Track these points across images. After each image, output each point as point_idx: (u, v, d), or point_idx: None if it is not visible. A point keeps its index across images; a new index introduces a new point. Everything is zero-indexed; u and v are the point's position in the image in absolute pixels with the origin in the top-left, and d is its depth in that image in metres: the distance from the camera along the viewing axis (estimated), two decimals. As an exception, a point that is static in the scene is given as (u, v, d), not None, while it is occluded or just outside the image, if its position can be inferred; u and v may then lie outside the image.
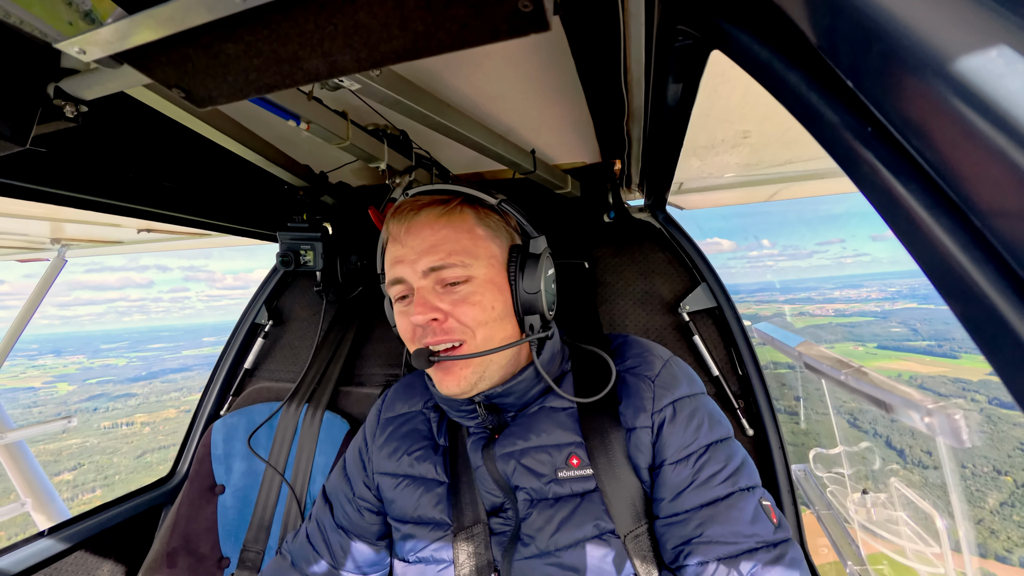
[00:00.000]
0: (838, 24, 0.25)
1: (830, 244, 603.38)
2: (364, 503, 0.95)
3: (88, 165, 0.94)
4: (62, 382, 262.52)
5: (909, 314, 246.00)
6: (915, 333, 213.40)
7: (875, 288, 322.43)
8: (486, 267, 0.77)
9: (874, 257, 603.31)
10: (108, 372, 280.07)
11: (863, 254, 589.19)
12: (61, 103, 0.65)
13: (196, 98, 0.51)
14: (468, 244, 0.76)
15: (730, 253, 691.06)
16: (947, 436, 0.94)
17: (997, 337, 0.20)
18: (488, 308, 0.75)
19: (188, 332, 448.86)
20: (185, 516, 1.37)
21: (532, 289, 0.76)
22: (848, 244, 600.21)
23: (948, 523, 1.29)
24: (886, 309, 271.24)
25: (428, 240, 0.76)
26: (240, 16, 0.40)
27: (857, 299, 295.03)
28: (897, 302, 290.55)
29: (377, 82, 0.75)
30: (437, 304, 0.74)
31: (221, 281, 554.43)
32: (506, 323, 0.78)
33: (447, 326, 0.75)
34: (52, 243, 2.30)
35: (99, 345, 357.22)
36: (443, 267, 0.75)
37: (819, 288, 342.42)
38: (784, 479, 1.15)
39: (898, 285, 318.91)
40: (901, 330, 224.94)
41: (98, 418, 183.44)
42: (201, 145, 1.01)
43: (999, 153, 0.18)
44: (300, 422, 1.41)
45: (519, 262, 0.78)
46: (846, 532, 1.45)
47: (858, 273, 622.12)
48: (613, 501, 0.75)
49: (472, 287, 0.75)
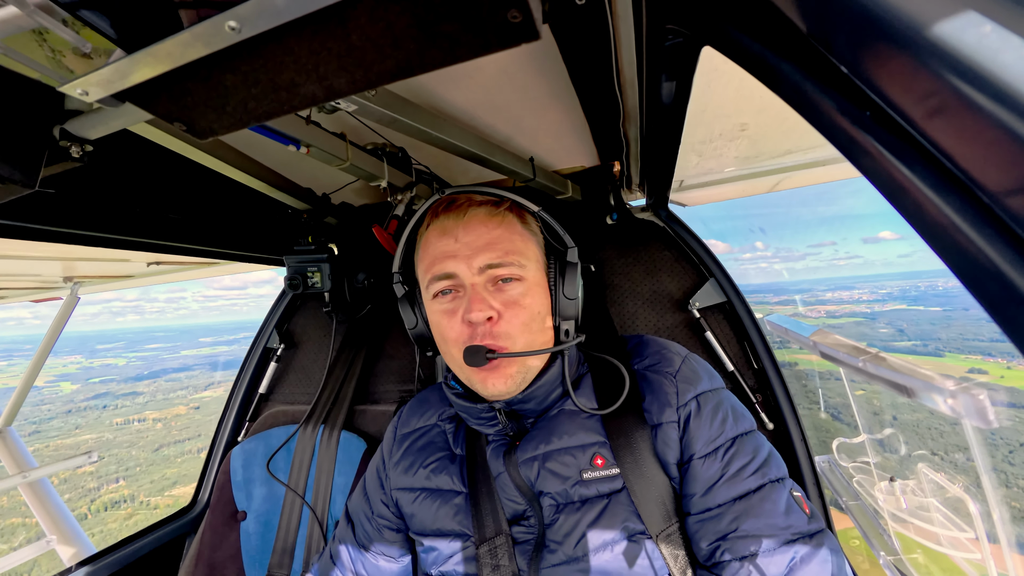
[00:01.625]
0: (828, 10, 0.25)
1: (823, 246, 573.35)
2: (383, 521, 0.94)
3: (96, 203, 0.95)
4: (64, 381, 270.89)
5: (897, 315, 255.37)
6: (901, 333, 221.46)
7: (867, 290, 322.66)
8: (536, 270, 0.79)
9: (866, 259, 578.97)
10: (108, 372, 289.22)
11: (855, 256, 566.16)
12: (67, 144, 0.66)
13: (197, 130, 0.52)
14: (521, 245, 0.79)
15: (723, 255, 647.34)
16: (972, 417, 0.92)
17: (1018, 312, 0.19)
18: (535, 311, 0.77)
19: (184, 332, 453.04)
20: (209, 544, 1.38)
21: (572, 295, 0.79)
22: (840, 246, 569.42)
23: (981, 507, 1.26)
24: (875, 311, 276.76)
25: (484, 237, 0.77)
26: (236, 48, 0.41)
27: (849, 300, 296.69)
28: (887, 304, 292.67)
29: (373, 102, 0.76)
30: (493, 302, 0.75)
31: (219, 282, 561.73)
32: (545, 326, 0.80)
33: (497, 330, 0.75)
34: (64, 281, 2.34)
35: (95, 345, 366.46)
36: (500, 265, 0.76)
37: (812, 290, 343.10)
38: (808, 471, 1.13)
39: (889, 287, 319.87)
40: (888, 331, 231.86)
41: (108, 415, 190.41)
42: (204, 176, 1.02)
43: (1001, 127, 0.18)
44: (317, 443, 1.42)
45: (558, 268, 0.81)
46: (876, 522, 1.41)
47: (851, 275, 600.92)
48: (642, 500, 0.74)
49: (523, 287, 0.77)
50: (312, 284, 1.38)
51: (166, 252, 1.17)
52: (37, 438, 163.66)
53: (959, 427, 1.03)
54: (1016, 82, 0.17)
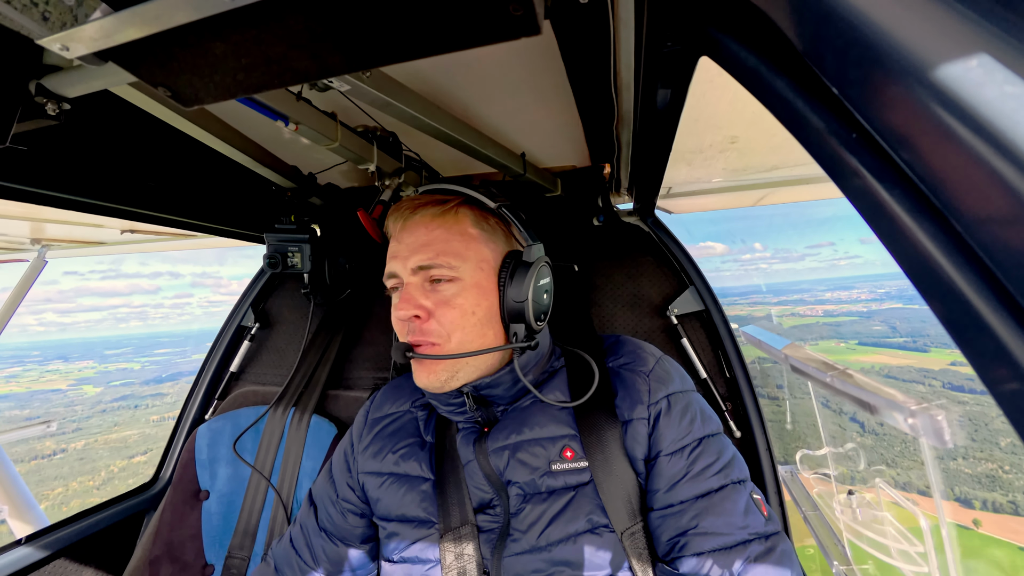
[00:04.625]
0: (824, 31, 0.25)
1: (821, 247, 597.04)
2: (347, 504, 0.94)
3: (70, 164, 0.92)
4: (86, 384, 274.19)
5: (892, 313, 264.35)
6: (893, 331, 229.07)
7: (865, 290, 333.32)
8: (474, 270, 0.78)
9: (866, 259, 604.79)
10: (125, 375, 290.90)
11: (855, 256, 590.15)
12: (43, 100, 0.63)
13: (182, 97, 0.50)
14: (459, 246, 0.78)
15: (722, 257, 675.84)
16: (930, 437, 0.96)
17: (976, 336, 0.20)
18: (468, 312, 0.77)
19: (189, 338, 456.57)
20: (168, 523, 1.35)
21: (519, 297, 0.77)
22: (839, 247, 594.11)
23: (930, 524, 1.31)
24: (872, 309, 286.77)
25: (421, 239, 0.79)
26: (228, 15, 0.39)
27: (847, 300, 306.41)
28: (884, 303, 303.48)
29: (367, 83, 0.75)
30: (421, 301, 0.77)
31: (227, 287, 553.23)
32: (487, 328, 0.79)
33: (426, 327, 0.77)
34: (32, 243, 2.25)
35: (103, 351, 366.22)
36: (431, 266, 0.77)
37: (812, 290, 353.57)
38: (771, 479, 1.16)
39: (888, 287, 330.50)
40: (881, 328, 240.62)
41: (142, 414, 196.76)
42: (187, 145, 0.99)
43: (979, 160, 0.18)
44: (287, 426, 1.40)
45: (511, 269, 0.79)
46: (832, 532, 1.46)
47: (850, 275, 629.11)
48: (608, 495, 0.76)
49: (456, 288, 0.77)
50: (291, 264, 1.35)
51: (141, 220, 1.13)
52: (80, 435, 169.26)
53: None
54: (995, 117, 0.18)
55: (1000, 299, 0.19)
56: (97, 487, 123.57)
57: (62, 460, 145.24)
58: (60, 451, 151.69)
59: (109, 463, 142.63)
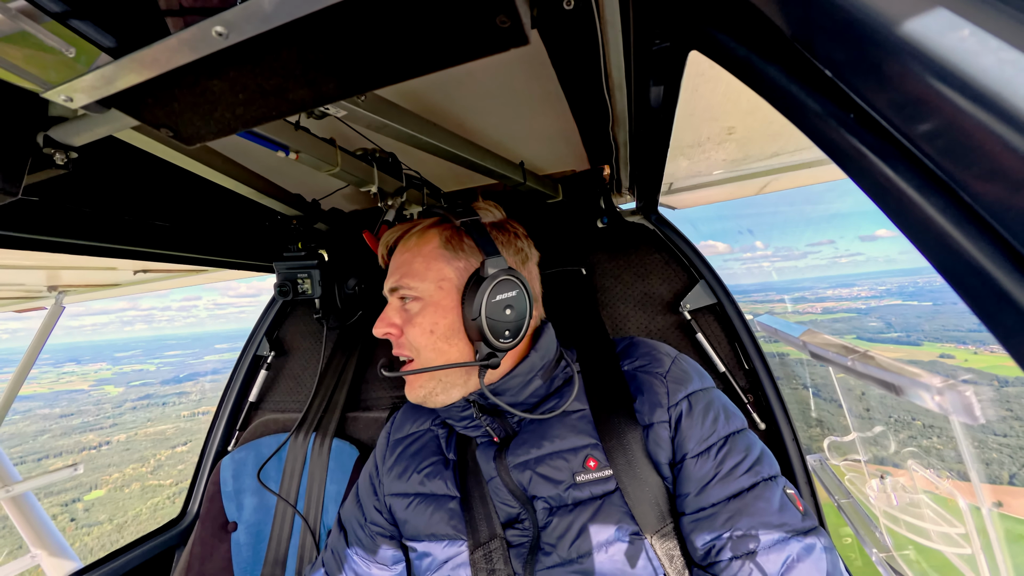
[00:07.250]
0: (811, 14, 0.25)
1: (821, 245, 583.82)
2: (376, 528, 0.93)
3: (81, 211, 0.94)
4: (107, 385, 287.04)
5: (889, 310, 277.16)
6: (889, 326, 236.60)
7: (867, 287, 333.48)
8: (433, 289, 0.81)
9: (868, 256, 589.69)
10: (142, 376, 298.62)
11: (856, 253, 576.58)
12: (51, 151, 0.65)
13: (184, 136, 0.51)
14: (420, 267, 0.82)
15: (724, 255, 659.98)
16: (959, 414, 0.93)
17: (998, 307, 0.20)
18: (426, 330, 0.80)
19: (196, 340, 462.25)
20: (199, 557, 1.35)
21: (471, 315, 0.77)
22: (839, 244, 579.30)
23: (969, 503, 1.27)
24: (871, 306, 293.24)
25: (395, 262, 0.86)
26: (224, 53, 0.40)
27: (848, 297, 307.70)
28: (884, 299, 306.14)
29: (362, 107, 0.76)
30: (393, 319, 0.83)
31: (235, 289, 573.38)
32: (448, 344, 0.80)
33: (401, 341, 0.83)
34: (49, 291, 2.30)
35: (113, 353, 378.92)
36: (397, 288, 0.83)
37: (813, 288, 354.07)
38: (801, 471, 1.14)
39: (889, 283, 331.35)
40: (878, 324, 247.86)
41: (171, 410, 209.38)
42: (192, 182, 1.01)
43: (981, 127, 0.18)
44: (309, 452, 1.40)
45: (470, 286, 0.79)
46: (868, 519, 1.43)
47: (851, 272, 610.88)
48: (635, 501, 0.74)
49: (419, 306, 0.81)
50: (302, 291, 1.37)
51: (153, 260, 1.15)
52: (117, 430, 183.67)
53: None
54: (993, 84, 0.18)
55: (1015, 265, 0.19)
56: (150, 472, 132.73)
57: (110, 450, 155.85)
58: (105, 443, 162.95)
59: (155, 452, 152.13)
